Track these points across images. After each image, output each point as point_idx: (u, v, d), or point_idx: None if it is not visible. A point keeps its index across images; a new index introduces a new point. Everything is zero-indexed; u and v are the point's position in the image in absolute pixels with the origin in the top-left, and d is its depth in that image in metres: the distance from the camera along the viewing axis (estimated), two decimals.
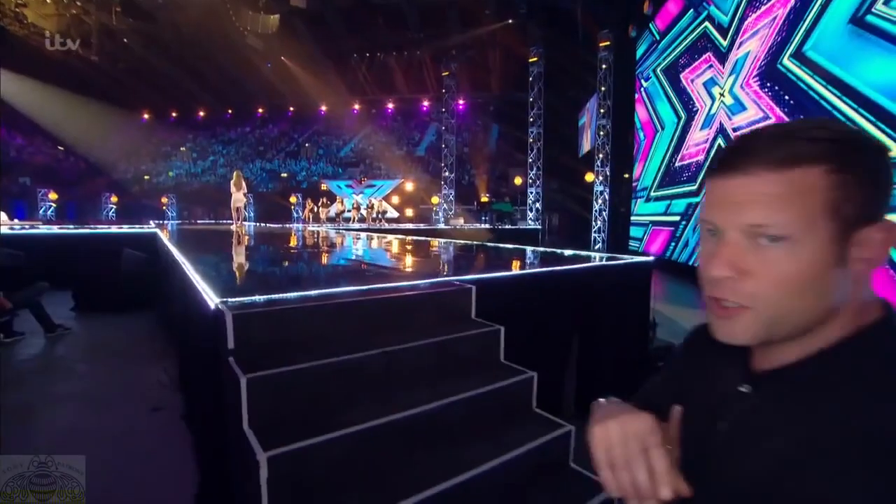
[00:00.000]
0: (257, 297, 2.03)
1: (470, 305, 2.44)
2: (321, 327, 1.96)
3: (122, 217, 17.89)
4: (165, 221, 15.86)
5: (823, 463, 0.45)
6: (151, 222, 11.80)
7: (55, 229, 9.22)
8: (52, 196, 17.77)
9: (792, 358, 0.52)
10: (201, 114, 26.10)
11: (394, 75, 22.77)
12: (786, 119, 6.45)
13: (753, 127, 0.52)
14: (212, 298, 1.94)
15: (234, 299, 1.94)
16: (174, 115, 25.80)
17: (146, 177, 24.20)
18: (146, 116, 25.33)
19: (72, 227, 9.64)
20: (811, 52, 6.19)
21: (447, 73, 18.23)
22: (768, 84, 7.03)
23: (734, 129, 7.96)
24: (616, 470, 0.54)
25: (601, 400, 0.64)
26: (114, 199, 19.23)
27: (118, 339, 4.91)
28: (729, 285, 0.50)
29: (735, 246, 0.50)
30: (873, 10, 5.18)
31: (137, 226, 9.88)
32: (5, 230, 8.78)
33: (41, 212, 17.44)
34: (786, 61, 6.69)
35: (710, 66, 9.04)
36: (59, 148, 22.22)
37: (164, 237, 6.31)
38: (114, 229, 9.44)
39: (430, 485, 1.51)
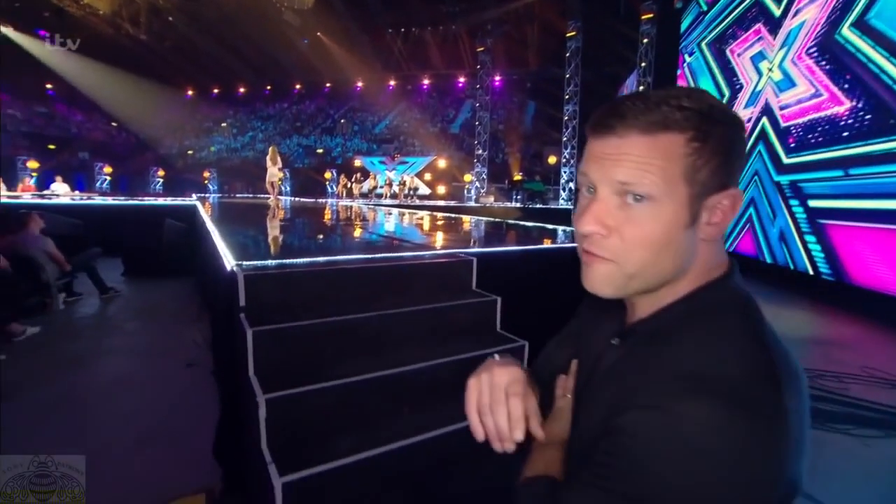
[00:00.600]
0: (269, 262, 2.21)
1: (471, 277, 2.54)
2: (325, 290, 2.13)
3: (167, 190, 18.93)
4: (206, 195, 16.62)
5: (633, 403, 0.48)
6: (193, 195, 12.44)
7: (109, 200, 9.93)
8: (107, 170, 18.98)
9: (646, 313, 0.58)
10: (241, 90, 26.88)
11: (429, 51, 22.55)
12: (840, 96, 5.99)
13: (630, 93, 0.57)
14: (229, 261, 2.13)
15: (248, 262, 2.12)
16: (216, 91, 26.70)
17: (189, 151, 25.30)
18: (190, 93, 26.35)
19: (122, 199, 10.34)
20: (875, 20, 5.68)
21: (482, 49, 17.87)
22: (823, 57, 6.51)
23: (781, 108, 7.47)
24: (482, 415, 0.62)
25: (495, 356, 0.70)
26: (161, 173, 20.30)
27: (161, 301, 5.33)
28: (597, 240, 0.54)
29: (605, 203, 0.53)
30: None
31: (180, 198, 10.48)
32: (67, 201, 9.55)
33: (98, 184, 18.69)
34: (845, 31, 6.17)
35: (761, 38, 8.45)
36: (113, 124, 23.53)
37: (201, 209, 6.70)
38: (159, 201, 10.07)
39: (415, 433, 1.65)
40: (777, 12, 7.94)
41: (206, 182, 21.18)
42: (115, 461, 2.13)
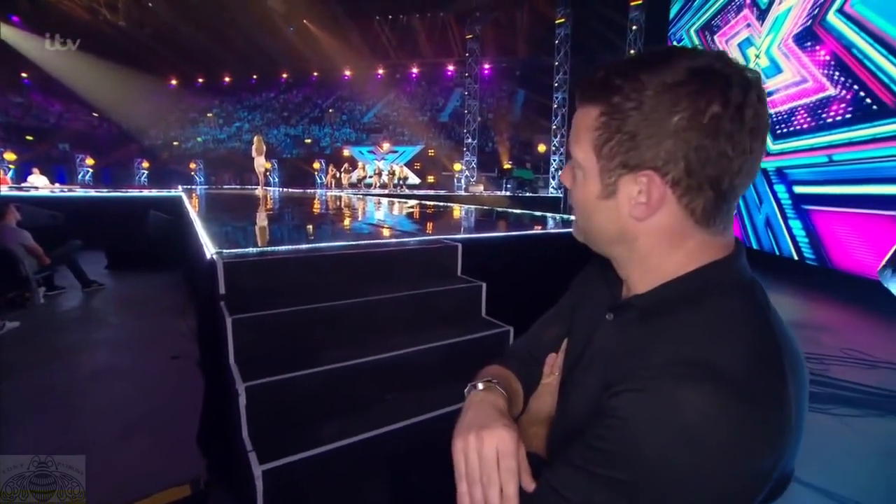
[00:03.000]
0: (250, 249, 2.18)
1: (456, 262, 2.53)
2: (308, 277, 2.10)
3: (153, 182, 18.55)
4: (193, 186, 16.37)
5: (627, 385, 0.46)
6: (179, 187, 12.24)
7: (91, 192, 9.72)
8: (89, 161, 18.53)
9: (642, 289, 0.56)
10: (227, 79, 26.34)
11: (417, 38, 22.29)
12: (826, 83, 6.03)
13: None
14: (209, 249, 2.10)
15: (228, 250, 2.09)
16: (200, 80, 26.14)
17: (175, 142, 24.82)
18: (174, 82, 25.74)
19: (105, 190, 10.14)
20: (859, 7, 5.71)
21: (471, 37, 17.67)
22: (809, 43, 6.54)
23: (768, 94, 7.49)
24: (471, 486, 0.55)
25: (479, 386, 0.65)
26: (145, 164, 19.91)
27: (146, 294, 5.25)
28: (569, 194, 0.62)
29: (569, 165, 0.59)
30: None
31: (165, 190, 10.30)
32: (46, 193, 9.33)
33: (80, 177, 18.27)
34: (831, 17, 6.20)
35: (748, 24, 8.46)
36: (94, 115, 22.96)
37: (187, 200, 6.59)
38: (143, 193, 9.89)
39: (398, 419, 1.65)
40: None
41: (192, 173, 20.84)
42: (100, 453, 2.10)
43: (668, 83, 0.47)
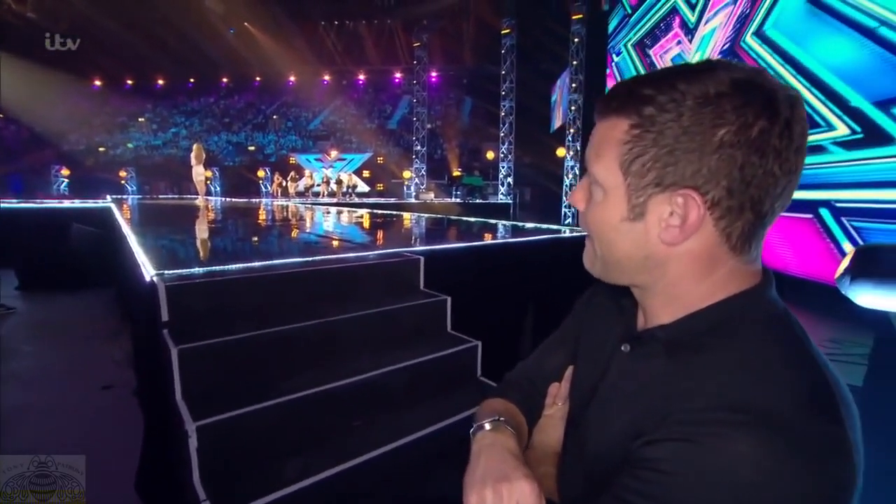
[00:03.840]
0: (196, 269, 1.99)
1: (418, 276, 2.46)
2: (262, 299, 1.95)
3: (75, 191, 16.90)
4: (124, 196, 15.14)
5: (666, 432, 0.42)
6: (108, 197, 11.26)
7: None
8: None
9: (667, 319, 0.51)
10: (160, 82, 24.66)
11: (364, 45, 22.08)
12: None
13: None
14: (147, 270, 1.89)
15: (170, 271, 1.90)
16: (129, 82, 24.26)
17: (101, 148, 22.82)
18: (98, 83, 23.71)
19: (15, 201, 9.08)
20: (771, 31, 6.29)
21: (419, 44, 17.72)
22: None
23: None
24: None
25: (486, 426, 0.60)
26: (65, 171, 18.11)
27: (68, 317, 4.75)
28: (580, 216, 0.55)
29: (582, 183, 0.55)
30: None
31: (91, 200, 9.39)
32: None
33: None
34: (748, 39, 6.79)
35: (679, 41, 9.10)
36: None
37: (117, 211, 6.05)
38: (65, 203, 8.96)
39: (369, 449, 1.55)
40: (692, 19, 8.58)
41: (123, 182, 19.24)
42: None
43: (710, 94, 0.43)
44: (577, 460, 0.58)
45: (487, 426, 0.60)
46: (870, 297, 1.32)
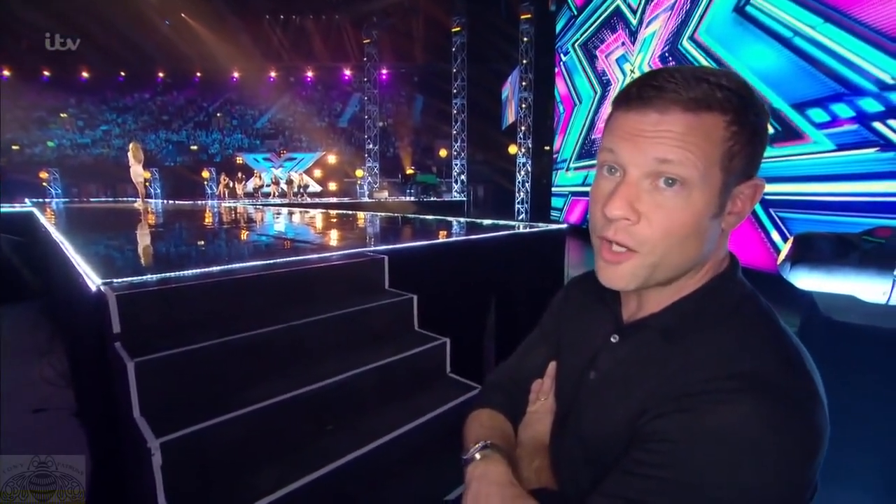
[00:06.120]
0: (148, 277, 1.87)
1: (383, 276, 2.44)
2: (221, 305, 1.86)
3: None
4: (47, 199, 13.86)
5: (672, 406, 0.46)
6: (27, 200, 10.27)
7: None
8: None
9: (656, 308, 0.54)
10: (85, 75, 22.58)
11: (312, 41, 21.39)
12: None
13: (669, 66, 0.52)
14: (93, 280, 1.76)
15: (119, 280, 1.77)
16: (47, 74, 22.02)
17: (15, 146, 20.61)
18: (6, 74, 21.30)
19: None
20: (704, 36, 6.74)
21: (368, 41, 17.44)
22: (670, 64, 7.55)
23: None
24: None
25: (476, 456, 0.61)
26: None
27: None
28: (623, 227, 0.49)
29: (635, 186, 0.49)
30: (752, 1, 5.74)
31: (7, 205, 8.52)
32: None
33: None
34: (685, 43, 7.23)
35: (623, 43, 9.53)
36: None
37: (41, 217, 5.53)
38: None
39: (342, 454, 1.52)
40: (634, 22, 9.01)
41: (45, 184, 17.55)
42: None
43: (754, 91, 0.49)
44: (574, 448, 0.60)
45: (478, 456, 0.61)
46: (807, 279, 1.47)
